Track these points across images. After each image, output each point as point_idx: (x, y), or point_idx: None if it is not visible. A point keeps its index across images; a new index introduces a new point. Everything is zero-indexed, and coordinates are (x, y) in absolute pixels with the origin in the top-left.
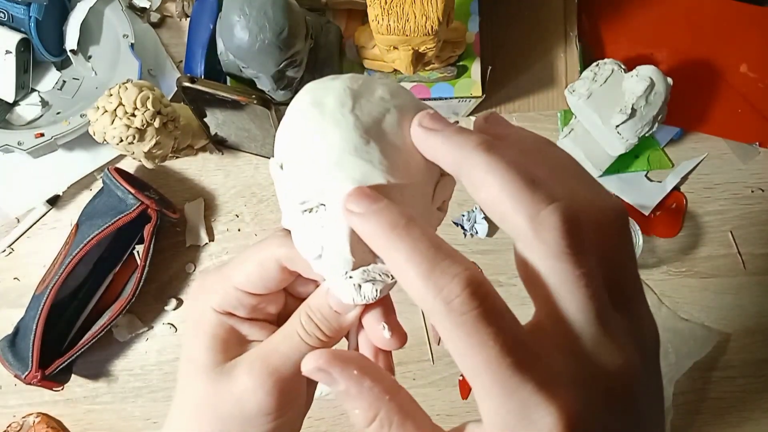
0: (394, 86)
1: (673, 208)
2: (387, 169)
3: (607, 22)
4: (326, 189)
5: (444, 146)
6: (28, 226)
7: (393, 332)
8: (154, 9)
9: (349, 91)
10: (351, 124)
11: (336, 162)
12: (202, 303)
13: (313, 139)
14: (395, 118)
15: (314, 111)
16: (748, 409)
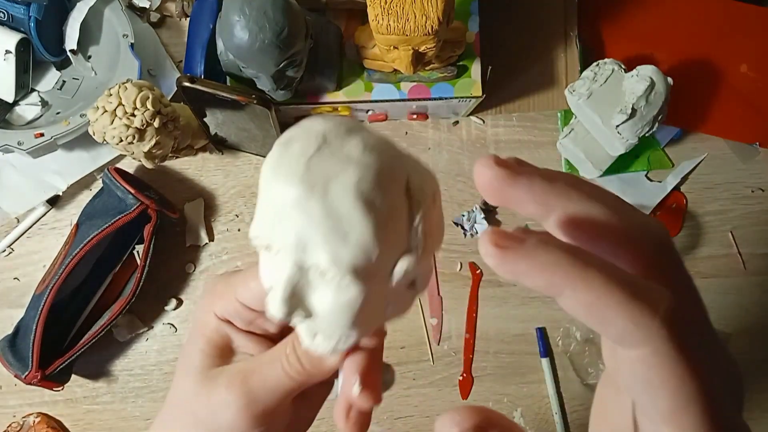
0: (374, 142)
1: (673, 208)
2: (325, 231)
3: (607, 22)
4: (269, 232)
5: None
6: (28, 226)
7: (364, 389)
8: (154, 9)
9: (320, 138)
10: (300, 175)
11: (278, 209)
12: (206, 305)
13: (267, 180)
14: (351, 179)
15: (278, 151)
16: (748, 409)
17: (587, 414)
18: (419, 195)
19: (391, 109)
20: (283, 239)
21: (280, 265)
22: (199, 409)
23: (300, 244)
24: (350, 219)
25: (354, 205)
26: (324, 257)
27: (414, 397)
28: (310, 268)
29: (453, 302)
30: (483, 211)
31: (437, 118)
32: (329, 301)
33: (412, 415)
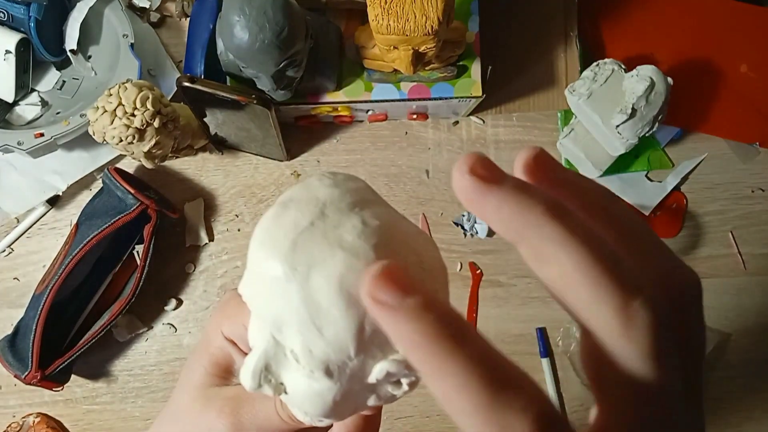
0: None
1: (673, 208)
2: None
3: (607, 21)
4: (253, 297)
5: (504, 207)
6: (27, 226)
7: None
8: (154, 9)
9: (318, 210)
10: (284, 251)
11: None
12: (216, 323)
13: (253, 241)
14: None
15: (274, 213)
16: (748, 409)
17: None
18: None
19: (391, 109)
20: (263, 310)
21: (259, 334)
22: (191, 428)
23: (276, 323)
24: (328, 313)
25: (334, 299)
26: (297, 345)
27: (414, 397)
28: (285, 347)
29: (453, 302)
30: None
31: (437, 118)
32: (302, 386)
33: (412, 416)
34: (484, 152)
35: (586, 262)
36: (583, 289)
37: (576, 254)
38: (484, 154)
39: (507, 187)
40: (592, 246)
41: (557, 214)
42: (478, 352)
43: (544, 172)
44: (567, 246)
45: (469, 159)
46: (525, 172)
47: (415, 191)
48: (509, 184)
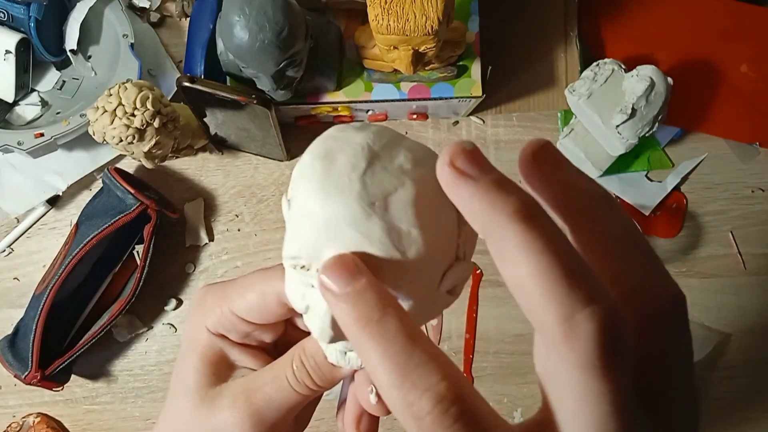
0: (420, 152)
1: (673, 208)
2: (385, 249)
3: (607, 21)
4: (316, 254)
5: (474, 202)
6: (27, 226)
7: (381, 398)
8: (154, 9)
9: (367, 150)
10: (356, 192)
11: (331, 229)
12: (198, 320)
13: (315, 197)
14: (409, 194)
15: (323, 166)
16: (748, 409)
17: None
18: None
19: (391, 109)
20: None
21: (311, 290)
22: (201, 431)
23: None
24: (410, 236)
25: (414, 222)
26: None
27: None
28: None
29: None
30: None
31: (437, 118)
32: None
33: None
34: (484, 152)
35: (541, 269)
36: (534, 295)
37: (533, 260)
38: (471, 144)
39: (481, 183)
40: (553, 253)
41: (526, 217)
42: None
43: (541, 168)
44: (526, 250)
45: (452, 150)
46: (522, 165)
47: None
48: (486, 179)
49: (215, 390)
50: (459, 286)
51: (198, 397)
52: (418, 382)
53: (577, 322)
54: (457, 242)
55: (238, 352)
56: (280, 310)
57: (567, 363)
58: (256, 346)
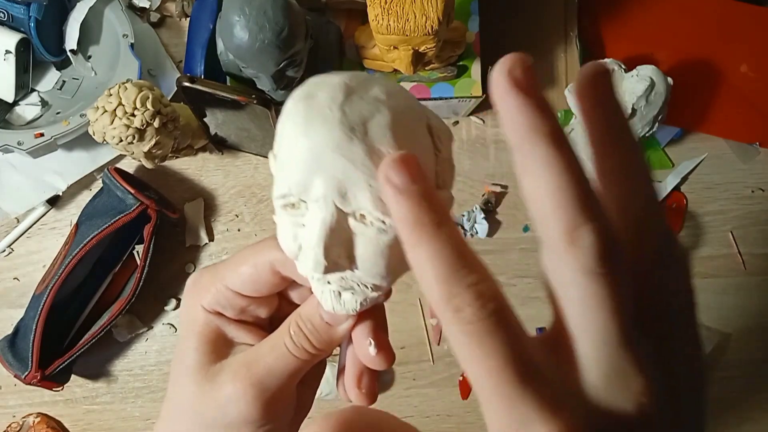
0: (393, 87)
1: (673, 208)
2: (369, 171)
3: (607, 21)
4: (305, 186)
5: (518, 114)
6: (27, 226)
7: (379, 350)
8: (154, 9)
9: (344, 86)
10: (337, 119)
11: (317, 158)
12: (193, 301)
13: (299, 131)
14: (386, 119)
15: (304, 103)
16: (748, 409)
17: None
18: (439, 132)
19: None
20: (320, 189)
21: (316, 217)
22: (206, 409)
23: (341, 190)
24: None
25: (392, 143)
26: (366, 199)
27: (414, 398)
28: (348, 215)
29: None
30: (483, 211)
31: None
32: (368, 247)
33: (412, 416)
34: (484, 152)
35: (557, 186)
36: (547, 206)
37: (553, 176)
38: (529, 58)
39: (529, 100)
40: (570, 176)
41: (556, 140)
42: (448, 238)
43: (596, 90)
44: (549, 167)
45: (513, 59)
46: (581, 82)
47: None
48: (534, 96)
49: (216, 367)
50: None
51: (200, 375)
52: (464, 279)
53: (580, 234)
54: (435, 169)
55: (235, 329)
56: (272, 279)
57: (571, 269)
58: (252, 322)
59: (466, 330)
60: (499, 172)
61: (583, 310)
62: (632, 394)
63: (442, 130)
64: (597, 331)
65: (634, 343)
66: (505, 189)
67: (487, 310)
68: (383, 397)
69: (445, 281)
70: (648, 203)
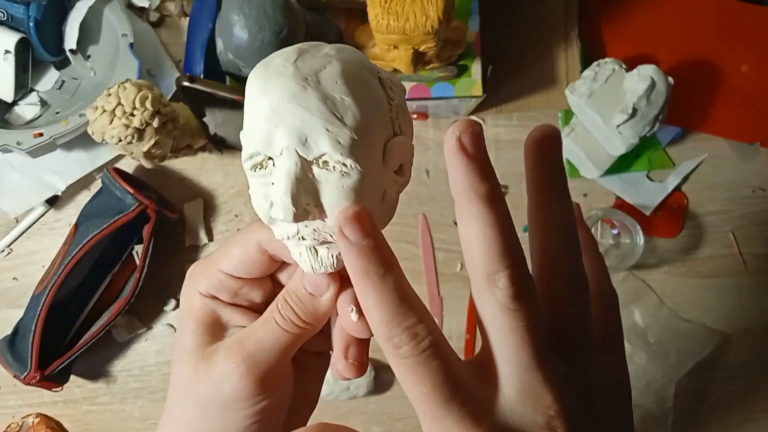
0: (343, 46)
1: (674, 208)
2: (325, 116)
3: (608, 21)
4: (269, 141)
5: (459, 174)
6: (27, 226)
7: (361, 316)
8: (153, 8)
9: (296, 49)
10: (290, 73)
11: (276, 112)
12: (190, 287)
13: (258, 91)
14: (337, 69)
15: (261, 68)
16: (748, 410)
17: None
18: (391, 83)
19: None
20: (282, 141)
21: (281, 168)
22: (202, 388)
23: (301, 138)
24: (344, 102)
25: (345, 90)
26: (326, 143)
27: None
28: (312, 163)
29: (453, 302)
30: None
31: (437, 118)
32: (333, 192)
33: (412, 416)
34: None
35: (486, 238)
36: (476, 254)
37: (482, 231)
38: (479, 127)
39: (471, 164)
40: (497, 231)
41: (489, 201)
42: (392, 288)
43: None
44: (480, 223)
45: (463, 125)
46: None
47: (416, 191)
48: (475, 162)
49: (212, 348)
50: (405, 166)
51: (196, 356)
52: (402, 323)
53: (498, 277)
54: (390, 116)
55: (231, 312)
56: (261, 257)
57: (490, 305)
58: (248, 306)
59: (403, 363)
60: (499, 172)
61: (501, 339)
62: (542, 407)
63: (394, 81)
64: (511, 355)
65: (545, 365)
66: (505, 189)
67: (421, 348)
68: (383, 398)
69: (387, 324)
70: (563, 246)
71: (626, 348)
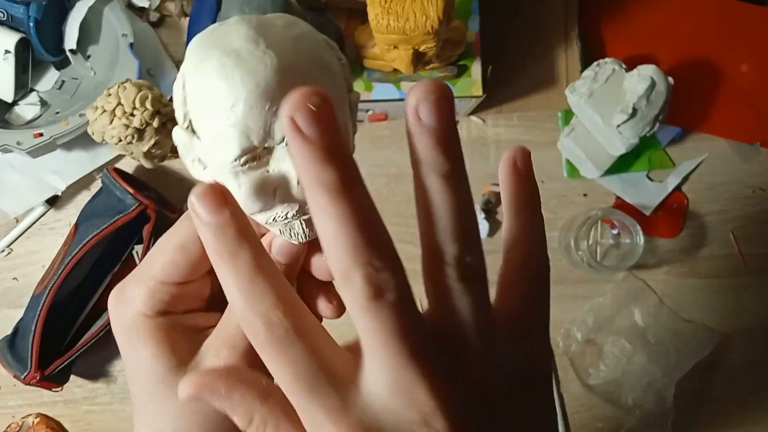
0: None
1: (674, 208)
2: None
3: (608, 21)
4: (264, 126)
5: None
6: (27, 226)
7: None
8: (153, 8)
9: (248, 27)
10: (274, 64)
11: (264, 94)
12: (125, 318)
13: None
14: (302, 43)
15: (230, 59)
16: (749, 410)
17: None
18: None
19: (390, 109)
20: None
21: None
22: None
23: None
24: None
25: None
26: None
27: None
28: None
29: None
30: (483, 211)
31: None
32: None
33: None
34: (484, 152)
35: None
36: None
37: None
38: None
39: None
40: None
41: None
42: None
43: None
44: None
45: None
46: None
47: None
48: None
49: (192, 364)
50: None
51: (176, 378)
52: (255, 307)
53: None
54: (344, 75)
55: (190, 319)
56: (181, 254)
57: (352, 305)
58: (200, 308)
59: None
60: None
61: (367, 338)
62: (416, 404)
63: (332, 43)
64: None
65: (418, 361)
66: None
67: (276, 336)
68: None
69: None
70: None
71: (626, 348)
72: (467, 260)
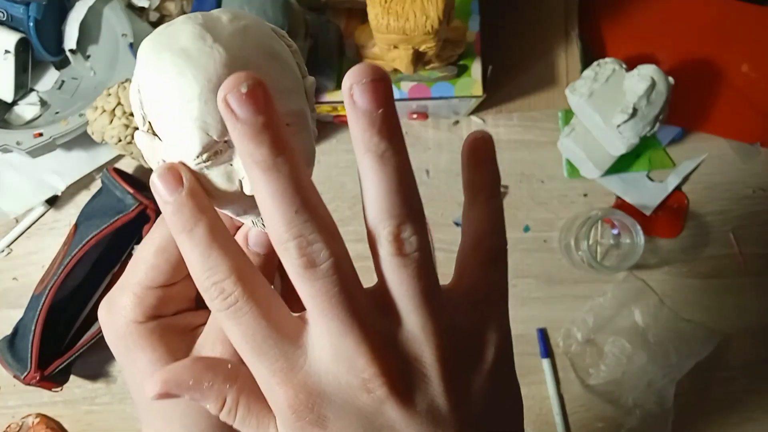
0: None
1: (674, 208)
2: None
3: (608, 20)
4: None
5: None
6: (26, 226)
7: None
8: (153, 8)
9: (194, 23)
10: (223, 58)
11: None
12: (119, 325)
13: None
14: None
15: (180, 58)
16: (749, 410)
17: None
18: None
19: None
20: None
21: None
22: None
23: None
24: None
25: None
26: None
27: None
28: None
29: None
30: None
31: (437, 118)
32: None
33: None
34: None
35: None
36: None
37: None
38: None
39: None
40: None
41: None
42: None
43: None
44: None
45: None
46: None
47: None
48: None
49: None
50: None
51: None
52: (210, 277)
53: (289, 247)
54: (296, 61)
55: (180, 320)
56: (162, 256)
57: (288, 272)
58: (189, 307)
59: (219, 315)
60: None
61: (305, 303)
62: (356, 370)
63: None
64: (320, 322)
65: (358, 329)
66: (505, 189)
67: (227, 303)
68: None
69: (198, 278)
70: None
71: (626, 348)
72: (404, 236)
